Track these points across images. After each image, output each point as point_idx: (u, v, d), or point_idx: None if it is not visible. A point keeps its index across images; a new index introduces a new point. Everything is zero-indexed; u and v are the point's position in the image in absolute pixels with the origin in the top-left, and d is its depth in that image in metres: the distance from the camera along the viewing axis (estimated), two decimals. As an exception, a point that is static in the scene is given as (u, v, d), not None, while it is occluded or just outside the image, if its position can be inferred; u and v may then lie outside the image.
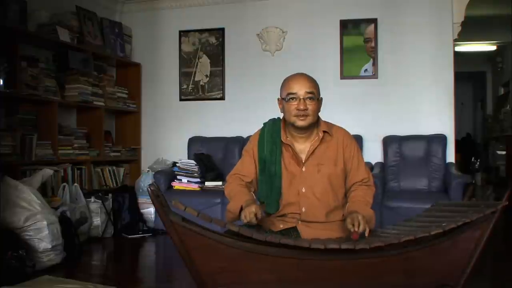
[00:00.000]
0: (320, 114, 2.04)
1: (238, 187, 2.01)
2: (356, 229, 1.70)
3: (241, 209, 1.85)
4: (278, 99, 2.04)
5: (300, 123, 1.94)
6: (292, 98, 1.93)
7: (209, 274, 1.57)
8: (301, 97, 1.92)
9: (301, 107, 1.91)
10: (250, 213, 1.77)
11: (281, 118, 2.10)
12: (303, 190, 1.97)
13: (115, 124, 5.27)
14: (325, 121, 2.06)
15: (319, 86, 2.00)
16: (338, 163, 2.00)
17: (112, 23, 4.93)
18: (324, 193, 1.97)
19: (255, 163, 2.05)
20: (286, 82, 1.99)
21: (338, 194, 2.01)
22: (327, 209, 1.97)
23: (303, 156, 2.00)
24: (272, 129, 2.06)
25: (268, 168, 2.00)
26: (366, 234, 1.73)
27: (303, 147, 2.01)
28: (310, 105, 1.93)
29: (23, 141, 3.72)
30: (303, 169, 1.99)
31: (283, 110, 2.02)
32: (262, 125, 2.12)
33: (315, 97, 1.94)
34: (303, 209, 1.97)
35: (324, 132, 2.01)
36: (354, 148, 2.04)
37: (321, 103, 2.01)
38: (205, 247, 1.53)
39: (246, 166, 2.07)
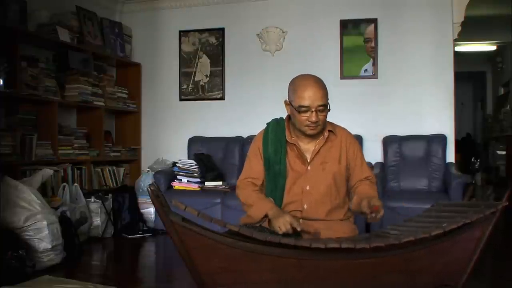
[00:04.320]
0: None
1: (255, 194, 2.03)
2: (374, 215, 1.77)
3: (265, 215, 1.90)
4: (285, 101, 2.02)
5: (311, 132, 1.96)
6: (305, 111, 1.91)
7: (209, 274, 1.57)
8: (313, 110, 1.90)
9: (313, 119, 1.91)
10: (285, 223, 1.79)
11: (284, 118, 2.11)
12: (307, 188, 2.00)
13: (115, 124, 5.27)
14: (328, 121, 2.07)
15: None
16: (342, 161, 2.04)
17: (112, 23, 4.93)
18: (328, 190, 2.00)
19: (263, 161, 2.06)
20: (298, 89, 1.93)
21: (340, 192, 2.04)
22: (329, 207, 2.00)
23: (308, 155, 2.02)
24: (276, 128, 2.08)
25: (272, 167, 2.03)
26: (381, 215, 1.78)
27: (308, 146, 2.04)
28: (322, 116, 1.93)
29: (23, 141, 3.72)
30: (309, 167, 2.01)
31: (292, 115, 2.01)
32: (266, 125, 2.13)
33: (326, 107, 1.93)
34: (305, 206, 2.00)
35: (329, 131, 2.04)
36: (357, 147, 2.09)
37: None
38: (205, 247, 1.53)
39: (254, 168, 2.08)
